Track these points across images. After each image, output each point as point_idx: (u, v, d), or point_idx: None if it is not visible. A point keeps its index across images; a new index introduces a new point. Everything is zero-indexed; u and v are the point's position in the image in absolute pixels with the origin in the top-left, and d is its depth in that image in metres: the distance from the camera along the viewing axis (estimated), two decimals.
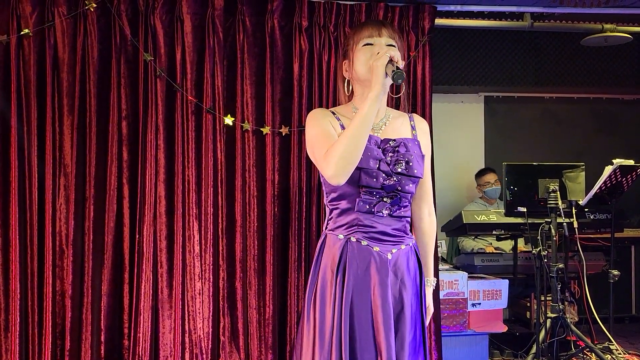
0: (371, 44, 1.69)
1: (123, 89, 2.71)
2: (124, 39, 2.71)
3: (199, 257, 2.73)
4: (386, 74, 1.59)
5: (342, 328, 1.62)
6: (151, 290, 2.69)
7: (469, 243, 4.12)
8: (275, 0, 2.78)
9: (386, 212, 1.68)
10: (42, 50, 2.65)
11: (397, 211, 1.70)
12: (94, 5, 2.66)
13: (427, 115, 2.91)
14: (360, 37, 1.70)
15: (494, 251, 3.96)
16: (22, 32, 2.62)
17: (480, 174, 4.36)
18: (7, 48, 2.62)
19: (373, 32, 1.69)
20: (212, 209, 2.75)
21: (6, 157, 2.63)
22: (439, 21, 3.23)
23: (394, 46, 1.70)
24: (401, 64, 1.61)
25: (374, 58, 1.62)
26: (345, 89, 1.78)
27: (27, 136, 2.63)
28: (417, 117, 1.84)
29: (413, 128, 1.80)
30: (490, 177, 4.26)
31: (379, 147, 1.69)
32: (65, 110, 2.66)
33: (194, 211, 2.74)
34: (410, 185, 1.70)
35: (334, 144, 1.61)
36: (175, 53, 2.74)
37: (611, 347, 3.21)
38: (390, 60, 1.59)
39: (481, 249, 4.07)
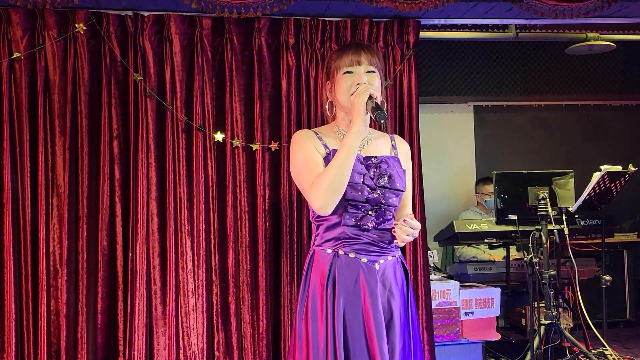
0: (351, 72, 1.74)
1: (114, 109, 2.75)
2: (113, 60, 2.75)
3: (192, 273, 2.76)
4: (367, 110, 1.65)
5: (336, 340, 1.65)
6: (145, 308, 2.71)
7: (469, 251, 4.15)
8: (262, 19, 2.83)
9: (371, 225, 1.73)
10: (34, 72, 2.69)
11: (382, 224, 1.75)
12: (84, 28, 2.71)
13: (414, 127, 2.96)
14: (340, 65, 1.76)
15: (492, 258, 3.99)
16: (13, 56, 2.66)
17: (483, 182, 4.36)
18: None
19: (353, 60, 1.75)
20: (204, 225, 2.78)
21: (0, 178, 2.66)
22: (426, 34, 3.29)
23: (373, 72, 1.76)
24: (379, 99, 1.67)
25: (355, 94, 1.67)
26: (328, 110, 1.84)
27: (19, 158, 2.66)
28: (398, 138, 1.91)
29: (394, 147, 1.87)
30: (493, 188, 4.28)
31: (361, 164, 1.74)
32: (57, 131, 2.70)
33: (186, 228, 2.77)
34: (394, 198, 1.76)
35: (320, 177, 1.66)
36: (164, 72, 2.79)
37: (605, 352, 3.22)
38: (370, 97, 1.65)
39: (474, 256, 4.10)
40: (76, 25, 2.70)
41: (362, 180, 1.71)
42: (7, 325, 2.60)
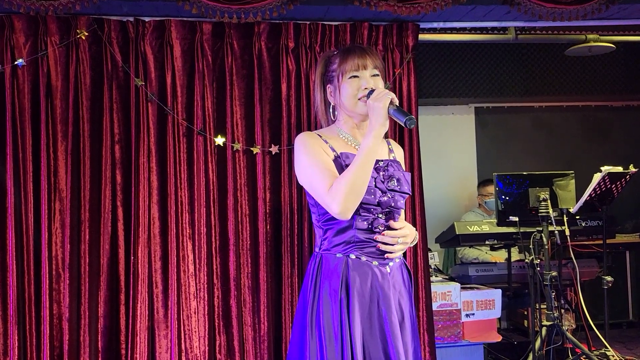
0: (357, 77, 1.75)
1: (115, 114, 2.77)
2: (115, 65, 2.77)
3: (193, 277, 2.77)
4: (388, 114, 1.66)
5: (354, 344, 1.65)
6: (147, 311, 2.72)
7: (471, 252, 4.15)
8: (262, 23, 2.85)
9: (381, 228, 1.73)
10: (36, 78, 2.72)
11: None
12: (86, 34, 2.74)
13: (413, 130, 2.97)
14: (345, 69, 1.76)
15: (495, 259, 4.00)
16: (15, 62, 2.69)
17: (483, 184, 4.38)
18: (2, 77, 2.69)
19: (359, 65, 1.75)
20: (205, 229, 2.79)
21: (2, 183, 2.68)
22: (425, 36, 3.30)
23: (377, 75, 1.77)
24: (396, 103, 1.68)
25: (374, 98, 1.67)
26: (331, 114, 1.84)
27: (22, 163, 2.69)
28: (394, 143, 1.93)
29: (391, 151, 1.88)
30: (493, 189, 4.29)
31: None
32: (59, 136, 2.72)
33: (188, 231, 2.79)
34: (402, 201, 1.78)
35: (340, 181, 1.64)
36: (165, 77, 2.81)
37: (607, 353, 3.22)
38: (391, 102, 1.66)
39: (476, 258, 4.10)
40: (78, 31, 2.72)
41: (374, 183, 1.72)
42: (10, 329, 2.62)
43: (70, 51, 2.73)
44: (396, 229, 1.73)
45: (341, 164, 1.71)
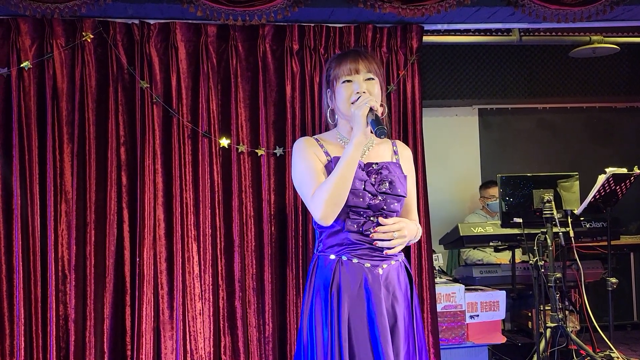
0: (350, 81, 1.76)
1: (121, 116, 2.79)
2: (120, 68, 2.79)
3: (198, 278, 2.78)
4: (367, 122, 1.66)
5: (342, 345, 1.67)
6: (152, 312, 2.74)
7: (476, 254, 4.15)
8: (267, 25, 2.86)
9: (373, 230, 1.74)
10: (42, 81, 2.73)
11: None
12: (91, 36, 2.75)
13: (417, 131, 2.98)
14: (339, 74, 1.77)
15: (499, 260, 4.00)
16: (22, 65, 2.70)
17: (485, 187, 4.39)
18: (8, 80, 2.71)
19: (351, 69, 1.76)
20: (210, 230, 2.80)
21: (9, 185, 2.70)
22: (429, 38, 3.31)
23: (372, 79, 1.77)
24: (380, 111, 1.69)
25: (355, 105, 1.69)
26: (330, 117, 1.85)
27: (28, 165, 2.70)
28: (400, 144, 1.92)
29: (395, 153, 1.88)
30: (494, 191, 4.29)
31: (362, 170, 1.76)
32: (65, 138, 2.74)
33: (193, 233, 2.80)
34: (395, 204, 1.78)
35: (321, 188, 1.67)
36: (170, 79, 2.82)
37: (612, 354, 3.22)
38: (371, 109, 1.66)
39: (480, 259, 4.10)
40: (84, 33, 2.74)
41: (363, 186, 1.73)
42: (17, 330, 2.63)
43: (76, 54, 2.75)
44: (387, 225, 1.73)
45: (331, 169, 1.72)
